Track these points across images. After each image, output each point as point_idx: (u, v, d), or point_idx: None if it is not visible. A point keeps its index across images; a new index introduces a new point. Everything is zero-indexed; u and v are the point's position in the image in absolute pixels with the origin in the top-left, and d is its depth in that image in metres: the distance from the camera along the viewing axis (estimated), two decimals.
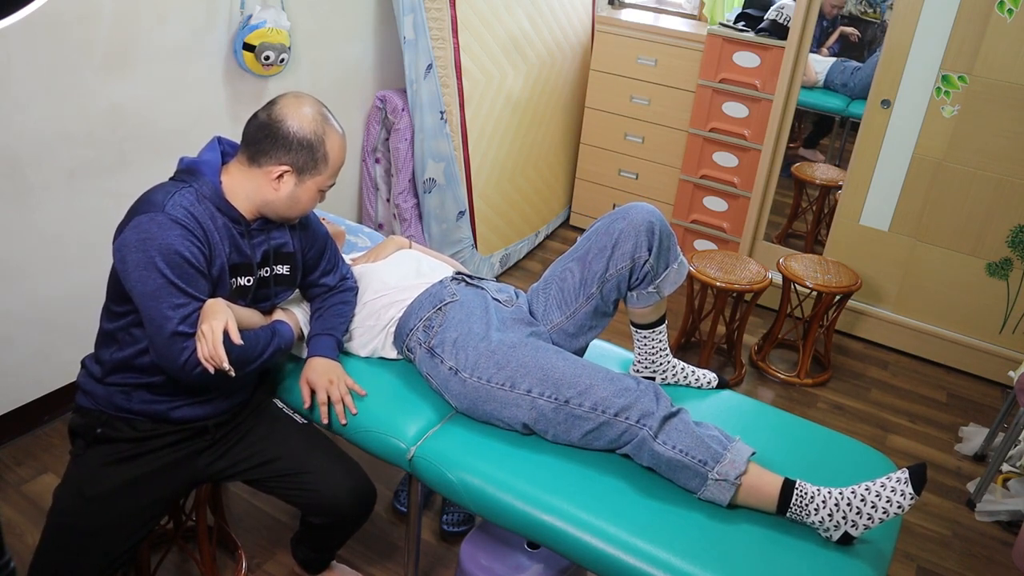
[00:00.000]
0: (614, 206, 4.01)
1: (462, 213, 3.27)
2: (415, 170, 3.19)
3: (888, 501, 1.45)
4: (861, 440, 2.05)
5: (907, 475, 1.47)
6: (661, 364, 1.91)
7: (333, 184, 1.67)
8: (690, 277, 2.95)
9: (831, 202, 3.78)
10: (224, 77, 2.60)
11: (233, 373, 1.47)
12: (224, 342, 1.45)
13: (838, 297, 2.97)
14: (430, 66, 3.02)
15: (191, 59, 2.48)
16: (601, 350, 2.04)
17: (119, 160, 2.39)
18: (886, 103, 3.07)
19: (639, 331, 1.89)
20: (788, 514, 1.51)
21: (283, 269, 1.73)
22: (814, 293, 2.99)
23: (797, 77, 3.30)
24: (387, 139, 3.26)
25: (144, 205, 1.52)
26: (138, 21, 2.29)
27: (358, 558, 2.12)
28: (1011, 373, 2.55)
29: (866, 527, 1.46)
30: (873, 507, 1.45)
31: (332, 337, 1.82)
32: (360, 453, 1.80)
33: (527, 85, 3.52)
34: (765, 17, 3.41)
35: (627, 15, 3.86)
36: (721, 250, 3.20)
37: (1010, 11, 2.76)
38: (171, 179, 1.59)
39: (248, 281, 1.65)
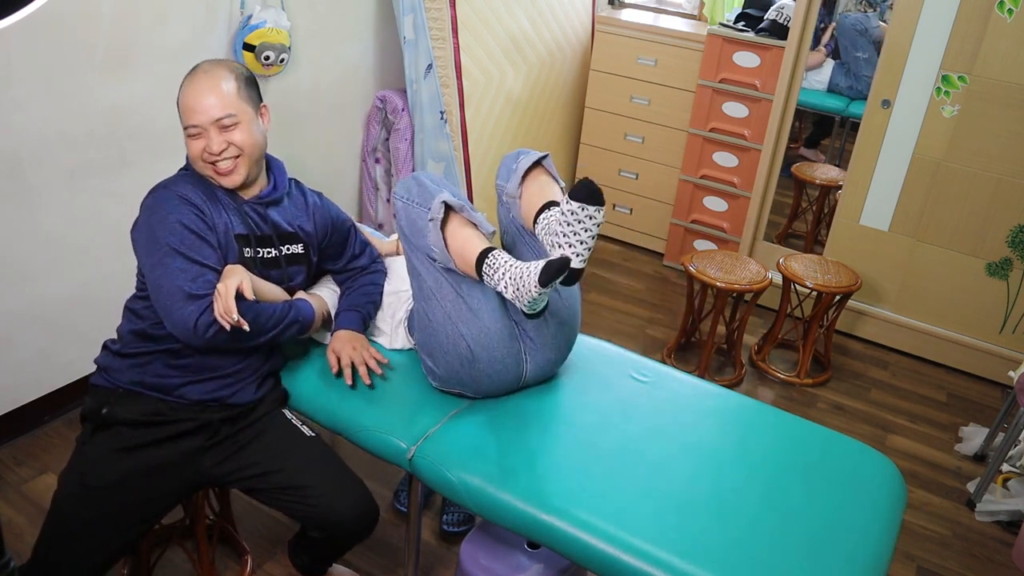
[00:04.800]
0: (614, 207, 4.01)
1: None
2: (415, 170, 3.19)
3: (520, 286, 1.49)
4: (861, 440, 2.05)
5: (541, 268, 1.45)
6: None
7: (200, 124, 1.64)
8: (690, 277, 2.95)
9: (831, 202, 3.78)
10: None
11: (247, 327, 1.51)
12: (238, 301, 1.51)
13: (838, 297, 2.98)
14: (430, 66, 3.02)
15: (191, 59, 2.45)
16: (601, 350, 2.04)
17: (119, 160, 2.39)
18: (886, 103, 3.07)
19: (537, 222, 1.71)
20: (484, 279, 1.58)
21: (297, 248, 1.79)
22: (814, 293, 2.99)
23: (797, 77, 3.30)
24: (387, 139, 3.26)
25: (155, 187, 1.67)
26: (138, 21, 2.29)
27: (358, 558, 2.12)
28: (1011, 373, 2.55)
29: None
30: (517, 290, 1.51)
31: (357, 313, 1.87)
32: (360, 453, 1.80)
33: (527, 85, 3.52)
34: (765, 17, 3.41)
35: (627, 15, 3.86)
36: (721, 250, 3.20)
37: (1010, 11, 2.76)
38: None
39: (254, 253, 1.70)
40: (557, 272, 1.45)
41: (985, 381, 3.20)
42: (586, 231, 1.46)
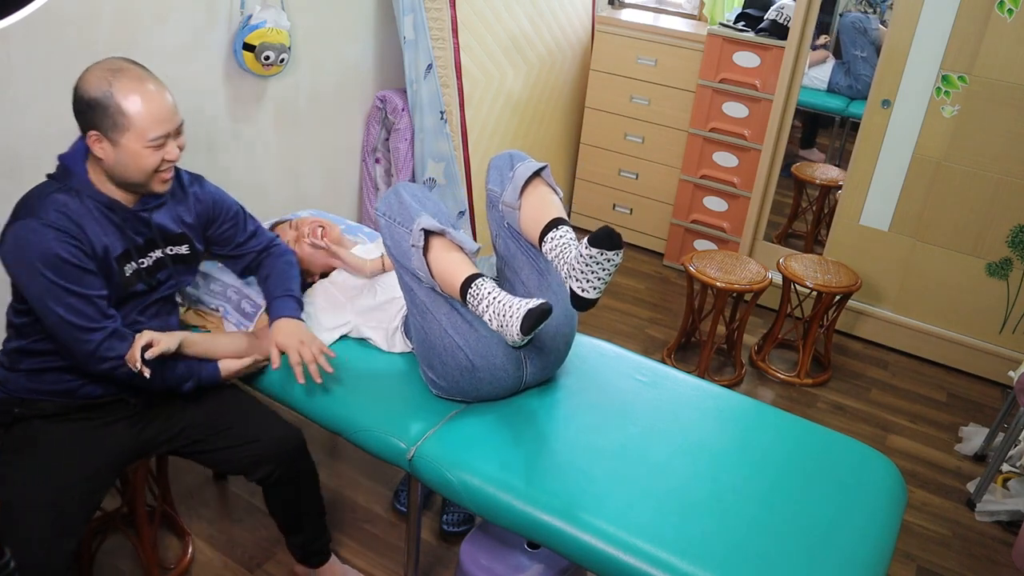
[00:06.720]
0: (614, 207, 4.01)
1: (462, 213, 3.27)
2: (415, 170, 3.19)
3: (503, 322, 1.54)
4: (861, 440, 2.05)
5: (522, 316, 1.50)
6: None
7: (167, 133, 1.59)
8: (690, 277, 2.95)
9: (831, 202, 3.78)
10: (224, 77, 2.59)
11: (147, 375, 1.58)
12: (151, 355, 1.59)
13: (838, 297, 2.97)
14: (430, 66, 3.02)
15: (191, 59, 2.48)
16: (601, 350, 2.04)
17: None
18: (886, 103, 3.07)
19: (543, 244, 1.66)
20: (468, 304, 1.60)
21: (182, 249, 1.77)
22: (814, 293, 2.99)
23: (797, 77, 3.30)
24: (387, 139, 3.26)
25: (21, 210, 1.58)
26: (138, 21, 2.29)
27: (358, 558, 2.12)
28: (1011, 373, 2.55)
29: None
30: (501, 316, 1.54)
31: (292, 297, 1.87)
32: (360, 453, 1.80)
33: (527, 85, 3.52)
34: (765, 17, 3.41)
35: (627, 15, 3.86)
36: (721, 250, 3.20)
37: (1010, 11, 2.76)
38: (48, 176, 1.65)
39: (139, 264, 1.68)
40: (538, 320, 1.49)
41: (985, 381, 3.20)
42: (604, 271, 1.49)
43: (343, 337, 2.00)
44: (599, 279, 1.50)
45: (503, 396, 1.81)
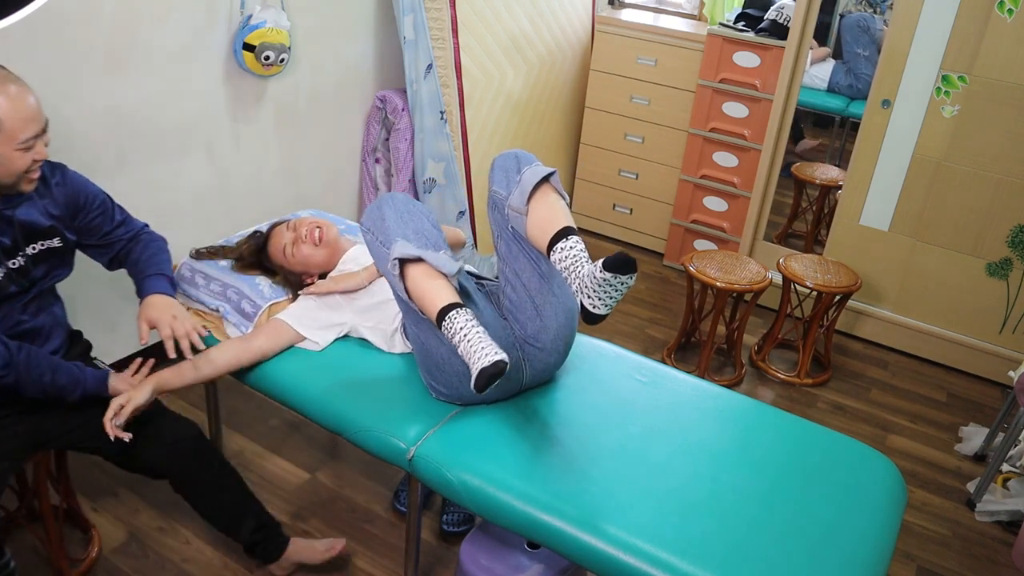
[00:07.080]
0: (614, 207, 4.01)
1: (462, 213, 3.27)
2: (415, 170, 3.19)
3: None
4: (861, 440, 2.05)
5: (476, 375, 1.49)
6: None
7: (38, 134, 1.56)
8: (690, 277, 2.95)
9: (831, 202, 3.78)
10: (224, 77, 2.60)
11: (126, 440, 1.63)
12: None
13: (838, 297, 2.98)
14: (430, 66, 3.02)
15: (191, 59, 2.48)
16: (601, 350, 2.04)
17: (119, 160, 2.39)
18: (886, 103, 3.07)
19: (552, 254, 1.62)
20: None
21: (53, 242, 1.73)
22: (814, 293, 2.99)
23: (797, 77, 3.30)
24: (387, 139, 3.26)
25: None
26: (138, 21, 2.29)
27: (358, 557, 2.12)
28: (1011, 373, 2.55)
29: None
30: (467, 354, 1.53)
31: (164, 276, 1.85)
32: (360, 453, 1.80)
33: (527, 85, 3.52)
34: (765, 17, 3.41)
35: (627, 15, 3.86)
36: (721, 250, 3.20)
37: (1010, 11, 2.76)
38: None
39: (10, 266, 1.64)
40: (490, 380, 1.48)
41: (985, 381, 3.20)
42: (617, 291, 1.49)
43: (344, 337, 2.00)
44: (611, 297, 1.49)
45: (503, 398, 1.82)
